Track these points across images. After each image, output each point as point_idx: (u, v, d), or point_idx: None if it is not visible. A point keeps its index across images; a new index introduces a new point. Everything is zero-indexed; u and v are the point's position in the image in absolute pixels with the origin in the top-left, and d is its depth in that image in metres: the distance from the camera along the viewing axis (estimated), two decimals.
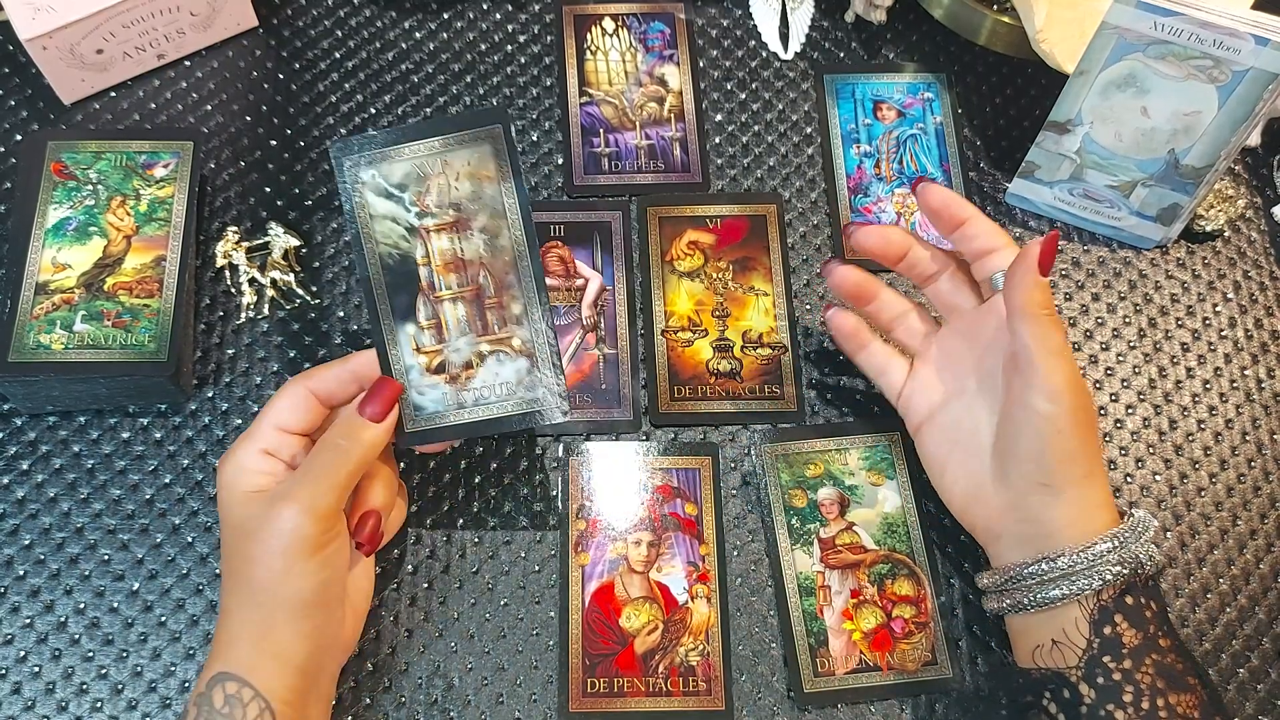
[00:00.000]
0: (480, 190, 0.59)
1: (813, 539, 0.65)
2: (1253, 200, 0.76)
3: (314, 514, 0.53)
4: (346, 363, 0.58)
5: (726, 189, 0.75)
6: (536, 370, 0.59)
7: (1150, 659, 0.52)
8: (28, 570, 0.63)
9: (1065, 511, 0.55)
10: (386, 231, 0.58)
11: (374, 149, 0.58)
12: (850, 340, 0.66)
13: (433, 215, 0.58)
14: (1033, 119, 0.78)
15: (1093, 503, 0.56)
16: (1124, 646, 0.53)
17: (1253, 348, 0.72)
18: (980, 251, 0.60)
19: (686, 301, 0.71)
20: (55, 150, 0.68)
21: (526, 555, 0.64)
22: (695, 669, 0.61)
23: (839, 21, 0.81)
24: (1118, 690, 0.52)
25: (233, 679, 0.52)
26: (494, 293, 0.59)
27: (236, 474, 0.55)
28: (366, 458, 0.56)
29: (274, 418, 0.56)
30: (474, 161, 0.59)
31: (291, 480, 0.54)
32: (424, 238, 0.58)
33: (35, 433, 0.66)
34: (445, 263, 0.58)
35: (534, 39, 0.79)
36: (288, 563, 0.52)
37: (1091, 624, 0.54)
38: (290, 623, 0.53)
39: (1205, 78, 0.63)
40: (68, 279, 0.65)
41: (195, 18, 0.74)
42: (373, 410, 0.56)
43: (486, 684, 0.61)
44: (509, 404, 0.58)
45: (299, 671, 0.53)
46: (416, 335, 0.58)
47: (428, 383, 0.58)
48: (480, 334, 0.58)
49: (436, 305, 0.58)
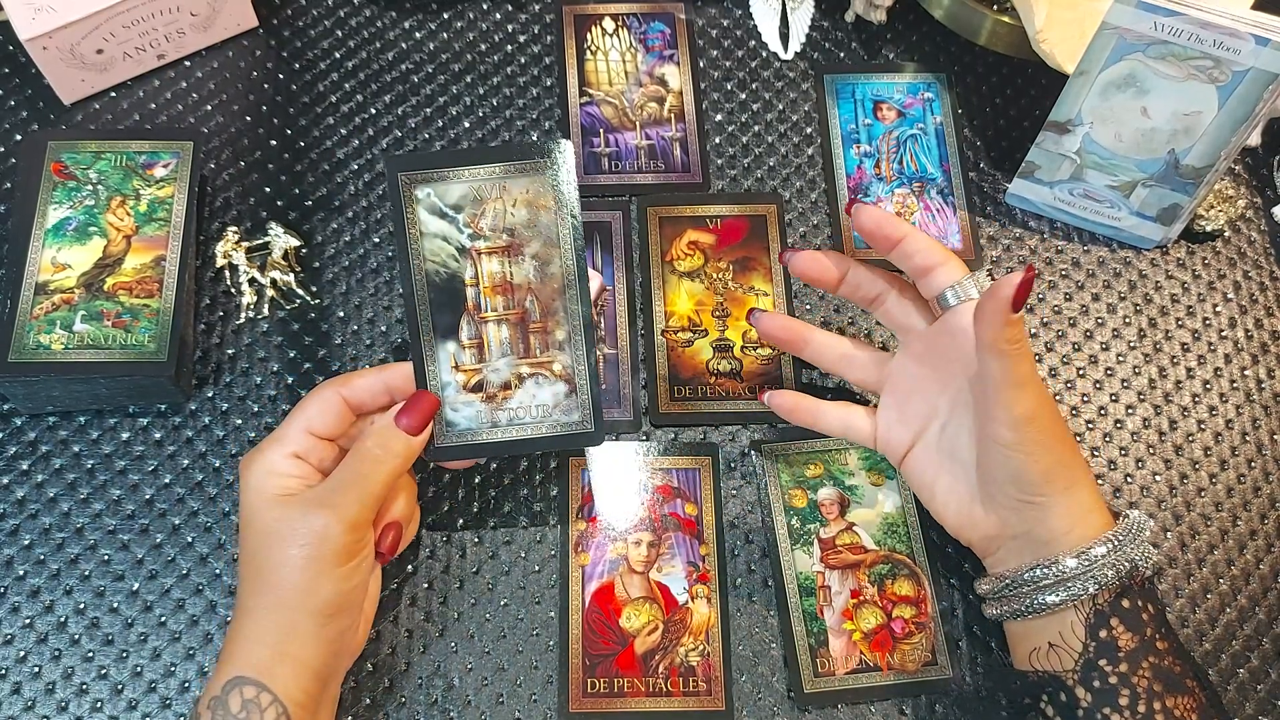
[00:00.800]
0: (536, 218, 0.59)
1: (813, 539, 0.65)
2: (1253, 200, 0.76)
3: (349, 523, 0.53)
4: (382, 372, 0.58)
5: (726, 189, 0.75)
6: (575, 396, 0.59)
7: (1147, 662, 0.52)
8: (28, 570, 0.63)
9: (1054, 522, 0.55)
10: (436, 250, 0.59)
11: (432, 168, 0.58)
12: (798, 415, 0.64)
13: (485, 238, 0.59)
14: (1033, 119, 0.78)
15: (1082, 508, 0.56)
16: (1120, 650, 0.53)
17: (1253, 348, 0.72)
18: (922, 269, 0.58)
19: (686, 301, 0.71)
20: (55, 150, 0.68)
21: (526, 555, 0.64)
22: (695, 669, 0.62)
23: (839, 21, 0.81)
24: (1114, 694, 0.52)
25: (250, 683, 0.51)
26: (539, 318, 0.59)
27: (265, 476, 0.54)
28: (400, 469, 0.56)
29: (305, 421, 0.56)
30: (532, 190, 0.59)
31: (327, 488, 0.54)
32: (474, 259, 0.59)
33: (35, 433, 0.66)
34: (494, 285, 0.59)
35: (534, 39, 0.79)
36: (319, 569, 0.52)
37: (1087, 628, 0.54)
38: (314, 629, 0.53)
39: (1205, 78, 0.63)
40: (68, 279, 0.65)
41: (195, 18, 0.74)
42: (409, 422, 0.56)
43: (486, 684, 0.61)
44: (543, 426, 0.59)
45: (316, 676, 0.53)
46: (457, 353, 0.59)
47: (463, 400, 0.59)
48: (521, 356, 0.59)
49: (481, 325, 0.59)
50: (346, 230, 0.72)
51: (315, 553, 0.52)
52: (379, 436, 0.56)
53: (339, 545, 0.53)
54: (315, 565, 0.52)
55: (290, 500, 0.53)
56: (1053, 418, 0.56)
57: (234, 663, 0.52)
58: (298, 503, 0.53)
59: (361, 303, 0.70)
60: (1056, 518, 0.55)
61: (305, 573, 0.52)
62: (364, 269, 0.71)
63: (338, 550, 0.53)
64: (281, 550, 0.52)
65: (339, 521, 0.53)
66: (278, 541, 0.53)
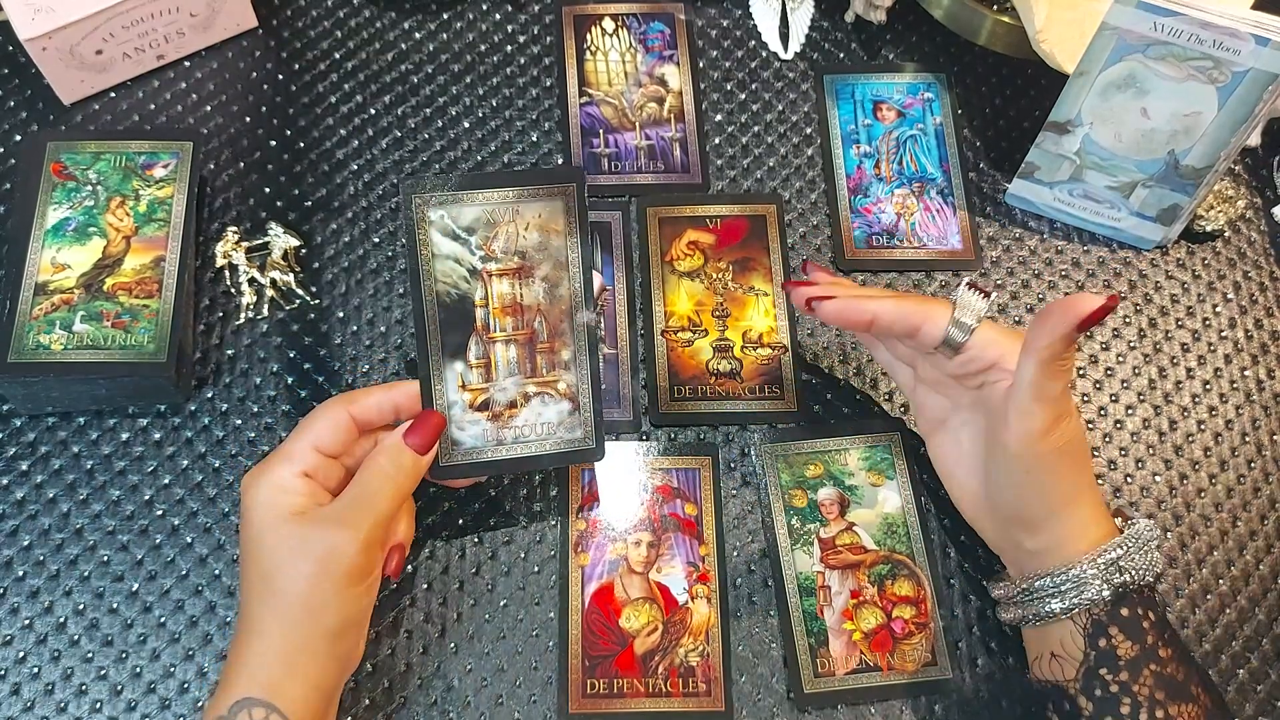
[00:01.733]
0: (547, 242, 0.60)
1: (813, 539, 0.65)
2: (1253, 201, 0.76)
3: (364, 541, 0.53)
4: (389, 390, 0.58)
5: (726, 189, 0.75)
6: (578, 413, 0.60)
7: (1149, 670, 0.52)
8: (27, 571, 0.63)
9: (1054, 535, 0.56)
10: (447, 271, 0.59)
11: (446, 190, 0.59)
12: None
13: (497, 260, 0.59)
14: (1033, 119, 0.78)
15: (1084, 521, 0.56)
16: (1120, 659, 0.53)
17: (1253, 348, 0.72)
18: (908, 332, 0.57)
19: (686, 302, 0.71)
20: (55, 151, 0.68)
21: (526, 556, 0.64)
22: (695, 670, 0.61)
23: (839, 22, 0.81)
24: (1115, 702, 0.52)
25: (259, 704, 0.51)
26: (547, 338, 0.60)
27: (275, 494, 0.53)
28: (409, 487, 0.56)
29: (313, 438, 0.55)
30: (545, 214, 0.60)
31: (341, 506, 0.54)
32: (485, 280, 0.59)
33: (34, 434, 0.66)
34: (504, 306, 0.59)
35: (534, 39, 0.79)
36: (336, 589, 0.52)
37: (1086, 637, 0.54)
38: (327, 647, 0.52)
39: (1205, 78, 0.63)
40: (67, 279, 0.65)
41: (195, 18, 0.74)
42: (417, 441, 0.56)
43: (486, 685, 0.61)
44: (547, 444, 0.60)
45: (323, 694, 0.53)
46: (464, 373, 0.59)
47: (469, 419, 0.59)
48: (528, 376, 0.60)
49: (489, 345, 0.59)
50: (346, 231, 0.72)
51: (328, 571, 0.52)
52: (389, 454, 0.55)
53: (352, 564, 0.52)
54: (328, 584, 0.52)
55: (302, 519, 0.53)
56: (1071, 436, 0.55)
57: (241, 682, 0.51)
58: (311, 521, 0.53)
59: (361, 303, 0.70)
60: (1051, 531, 0.56)
61: (318, 592, 0.52)
62: (364, 269, 0.71)
63: (350, 569, 0.52)
64: (295, 569, 0.52)
65: (354, 540, 0.52)
66: (290, 560, 0.52)
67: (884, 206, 0.74)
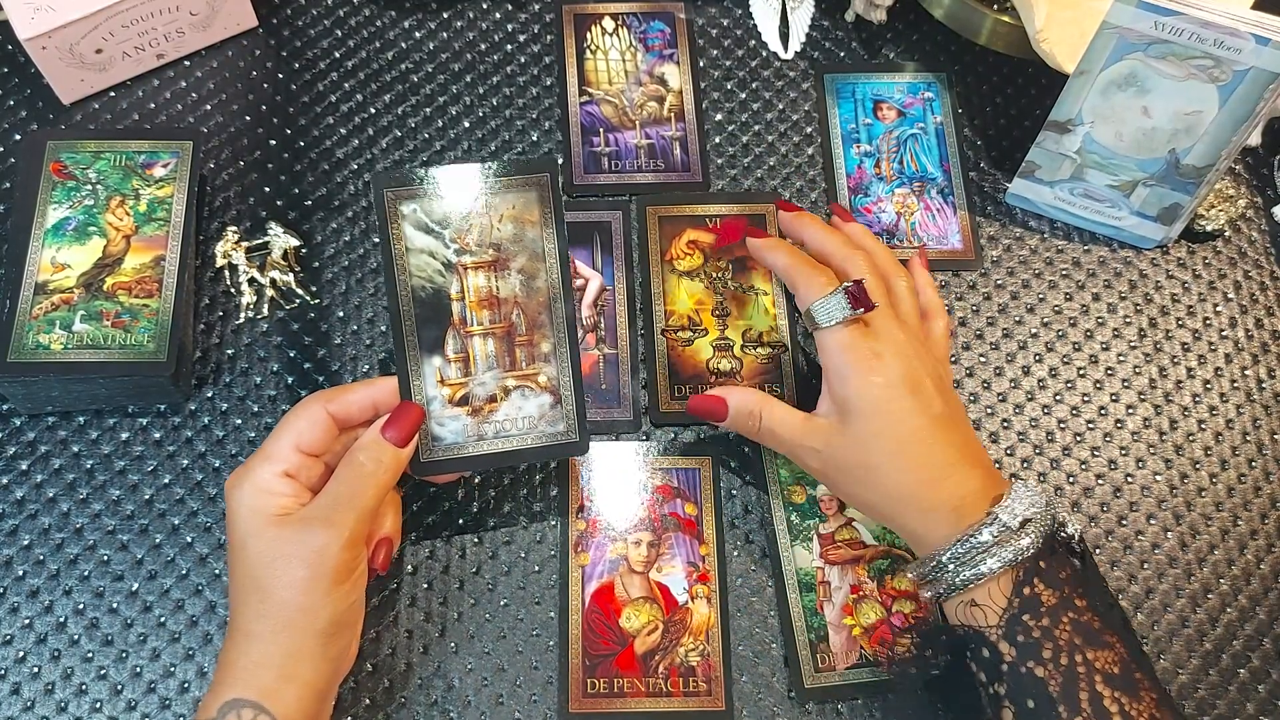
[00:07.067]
0: (522, 233, 0.59)
1: (812, 535, 0.65)
2: (1253, 200, 0.76)
3: (347, 539, 0.52)
4: (368, 388, 0.58)
5: (726, 189, 0.75)
6: (560, 406, 0.60)
7: (1067, 617, 0.52)
8: (27, 571, 0.63)
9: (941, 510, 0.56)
10: (422, 265, 0.58)
11: (418, 184, 0.58)
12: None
13: (472, 253, 0.59)
14: (1033, 119, 0.77)
15: (970, 489, 0.56)
16: (1043, 605, 0.53)
17: (1253, 348, 0.72)
18: (791, 287, 0.61)
19: (686, 301, 0.71)
20: (55, 150, 0.68)
21: (526, 555, 0.64)
22: (695, 669, 0.61)
23: (839, 21, 0.81)
24: (1037, 647, 0.52)
25: (249, 705, 0.51)
26: (525, 331, 0.60)
27: (259, 496, 0.53)
28: (390, 482, 0.56)
29: (294, 438, 0.55)
30: (519, 205, 0.59)
31: (323, 505, 0.53)
32: (460, 274, 0.59)
33: (34, 433, 0.66)
34: (480, 299, 0.59)
35: (534, 39, 0.79)
36: (325, 588, 0.52)
37: (1015, 584, 0.53)
38: (318, 649, 0.52)
39: (1206, 77, 0.63)
40: (67, 279, 0.65)
41: (195, 18, 0.74)
42: (395, 434, 0.56)
43: (486, 685, 0.61)
44: (529, 437, 0.60)
45: (317, 695, 0.53)
46: (442, 368, 0.59)
47: (449, 414, 0.59)
48: (507, 369, 0.59)
49: (466, 339, 0.59)
50: (346, 230, 0.72)
51: (316, 572, 0.52)
52: (369, 450, 0.55)
53: (337, 563, 0.52)
54: (317, 585, 0.52)
55: (287, 520, 0.53)
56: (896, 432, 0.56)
57: (229, 685, 0.51)
58: (295, 522, 0.53)
59: (361, 302, 0.70)
60: (945, 502, 0.56)
61: (308, 593, 0.52)
62: (363, 269, 0.71)
63: (336, 568, 0.52)
64: (284, 571, 0.52)
65: (338, 539, 0.52)
66: (279, 563, 0.52)
67: (884, 206, 0.74)
